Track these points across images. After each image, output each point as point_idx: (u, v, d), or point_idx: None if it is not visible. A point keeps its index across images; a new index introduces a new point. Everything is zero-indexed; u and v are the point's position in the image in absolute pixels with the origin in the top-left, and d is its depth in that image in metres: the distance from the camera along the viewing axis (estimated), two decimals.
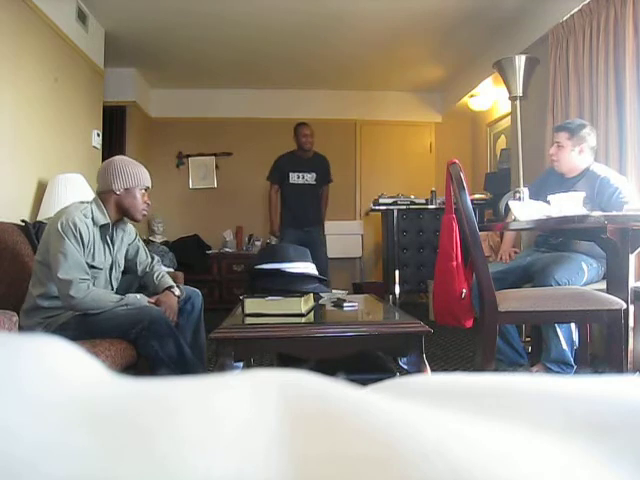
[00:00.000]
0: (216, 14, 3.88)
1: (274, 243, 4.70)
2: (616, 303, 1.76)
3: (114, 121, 4.84)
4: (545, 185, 2.53)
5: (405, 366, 1.69)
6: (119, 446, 0.18)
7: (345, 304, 1.95)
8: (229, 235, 5.62)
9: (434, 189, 4.78)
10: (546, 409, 0.24)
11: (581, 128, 2.43)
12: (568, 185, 2.42)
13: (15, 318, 1.54)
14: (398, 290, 4.52)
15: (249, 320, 1.66)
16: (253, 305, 1.71)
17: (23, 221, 2.55)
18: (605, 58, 2.87)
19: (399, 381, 0.31)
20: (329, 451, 0.19)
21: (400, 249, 4.63)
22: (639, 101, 2.69)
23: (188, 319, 2.09)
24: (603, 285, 2.05)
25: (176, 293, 2.08)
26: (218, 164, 5.77)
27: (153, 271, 2.19)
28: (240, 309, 1.79)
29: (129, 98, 5.03)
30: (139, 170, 2.04)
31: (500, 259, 2.81)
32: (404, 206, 4.65)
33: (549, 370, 2.32)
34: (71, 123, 3.51)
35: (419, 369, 1.54)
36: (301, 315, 1.67)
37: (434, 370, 2.41)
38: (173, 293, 2.07)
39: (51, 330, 1.86)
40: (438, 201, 4.64)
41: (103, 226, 1.99)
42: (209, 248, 5.46)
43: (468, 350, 3.23)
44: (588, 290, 1.94)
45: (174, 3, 3.70)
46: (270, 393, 0.23)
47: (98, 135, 3.94)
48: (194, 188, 5.79)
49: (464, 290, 1.92)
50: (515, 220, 2.12)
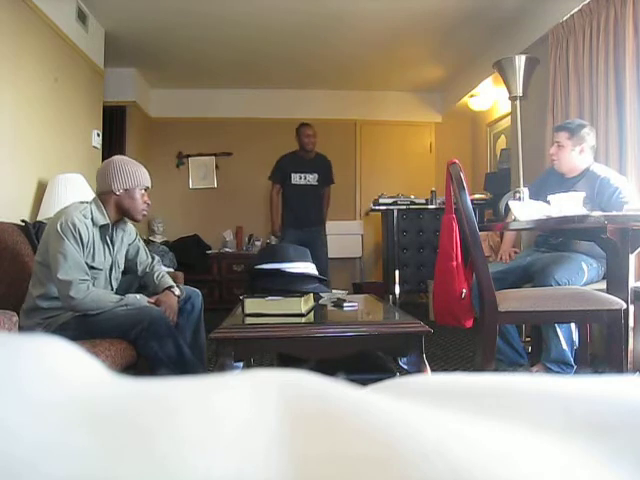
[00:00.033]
0: (216, 14, 3.88)
1: (274, 243, 4.70)
2: (616, 303, 1.76)
3: (114, 121, 4.84)
4: (545, 185, 2.53)
5: (405, 366, 1.69)
6: (119, 446, 0.18)
7: (345, 304, 1.95)
8: (229, 235, 5.62)
9: (434, 189, 4.78)
10: (546, 409, 0.24)
11: (581, 128, 2.43)
12: (568, 185, 2.42)
13: (15, 318, 1.54)
14: (398, 290, 4.52)
15: (249, 320, 1.66)
16: (253, 305, 1.71)
17: (23, 221, 2.55)
18: (605, 58, 2.87)
19: (399, 381, 0.31)
20: (329, 451, 0.19)
21: (400, 249, 4.62)
22: (639, 101, 2.69)
23: (188, 319, 2.09)
24: (603, 285, 2.05)
25: (176, 293, 2.08)
26: (218, 164, 5.77)
27: (153, 271, 2.18)
28: (240, 309, 1.79)
29: (129, 98, 5.03)
30: (139, 170, 2.03)
31: (500, 259, 2.81)
32: (404, 206, 4.65)
33: (549, 370, 2.32)
34: (71, 123, 3.51)
35: (419, 369, 1.54)
36: (301, 315, 1.67)
37: (434, 370, 2.41)
38: (173, 293, 2.07)
39: (51, 330, 1.86)
40: (438, 201, 4.64)
41: (103, 226, 1.99)
42: (209, 248, 5.46)
43: (468, 350, 3.23)
44: (588, 290, 1.94)
45: (174, 3, 3.70)
46: (270, 393, 0.23)
47: (98, 135, 3.94)
48: (194, 188, 5.79)
49: (464, 290, 1.92)
50: (515, 220, 2.12)
